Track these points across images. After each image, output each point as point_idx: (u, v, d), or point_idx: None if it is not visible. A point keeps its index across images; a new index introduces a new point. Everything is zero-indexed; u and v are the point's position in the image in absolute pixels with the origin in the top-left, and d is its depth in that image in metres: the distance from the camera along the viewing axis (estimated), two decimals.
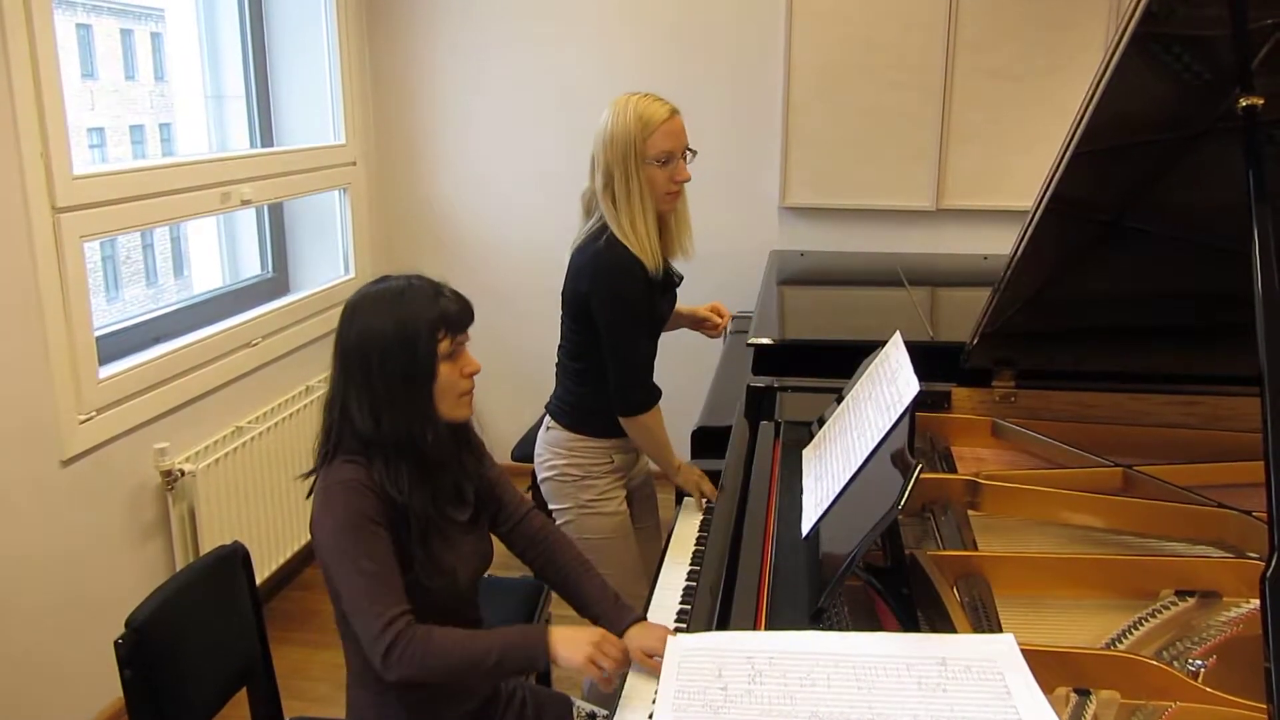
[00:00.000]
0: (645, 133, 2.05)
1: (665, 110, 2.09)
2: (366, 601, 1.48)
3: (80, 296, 2.49)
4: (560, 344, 2.30)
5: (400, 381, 1.54)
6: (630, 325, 2.13)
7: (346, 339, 1.57)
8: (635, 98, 2.08)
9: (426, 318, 1.56)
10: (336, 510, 1.51)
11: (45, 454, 2.44)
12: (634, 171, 2.06)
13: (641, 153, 2.05)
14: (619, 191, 2.08)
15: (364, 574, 1.49)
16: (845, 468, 1.66)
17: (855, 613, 1.49)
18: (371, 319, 1.55)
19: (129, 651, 1.56)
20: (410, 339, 1.54)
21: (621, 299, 2.11)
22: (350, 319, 1.58)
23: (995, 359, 2.24)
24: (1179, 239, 1.87)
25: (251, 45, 3.63)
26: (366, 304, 1.58)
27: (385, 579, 1.50)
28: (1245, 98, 1.45)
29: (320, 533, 1.54)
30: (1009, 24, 3.64)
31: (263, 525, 3.11)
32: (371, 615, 1.48)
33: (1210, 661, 1.37)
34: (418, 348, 1.55)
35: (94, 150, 3.22)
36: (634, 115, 2.05)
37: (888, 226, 3.90)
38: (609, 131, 2.08)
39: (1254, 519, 1.63)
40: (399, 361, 1.54)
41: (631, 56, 3.90)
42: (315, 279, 3.82)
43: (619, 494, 2.30)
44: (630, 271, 2.09)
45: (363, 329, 1.55)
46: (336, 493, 1.52)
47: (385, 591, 1.49)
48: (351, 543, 1.50)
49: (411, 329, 1.54)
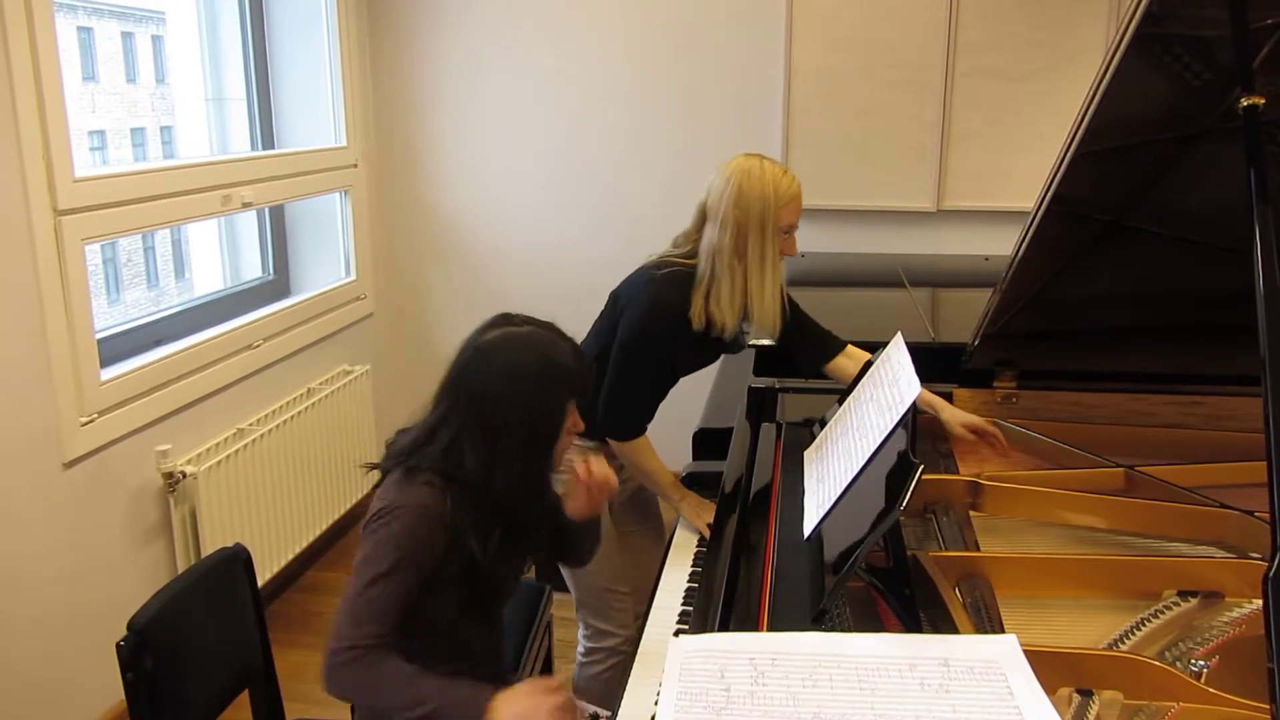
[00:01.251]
0: (780, 201, 2.02)
1: (798, 184, 2.07)
2: (350, 614, 1.44)
3: (82, 299, 2.49)
4: (588, 337, 2.27)
5: (524, 441, 1.49)
6: (641, 359, 2.11)
7: (470, 381, 1.50)
8: (768, 163, 2.05)
9: (566, 378, 1.50)
10: (395, 528, 1.45)
11: (47, 457, 2.44)
12: (771, 237, 2.03)
13: (776, 220, 2.03)
14: (752, 255, 2.03)
15: (367, 595, 1.43)
16: (847, 469, 1.66)
17: (857, 614, 1.49)
18: (506, 369, 1.48)
19: (131, 654, 1.56)
20: (549, 399, 1.49)
21: (647, 334, 2.09)
22: (479, 360, 1.51)
23: (997, 360, 2.24)
24: (1180, 239, 1.87)
25: (252, 47, 3.64)
26: (502, 349, 1.50)
27: (381, 613, 1.44)
28: (1246, 97, 1.45)
29: (368, 534, 1.49)
30: (1009, 25, 3.64)
31: (265, 527, 3.11)
32: (346, 628, 1.43)
33: (1213, 662, 1.37)
34: (551, 410, 1.50)
35: (95, 153, 3.22)
36: (771, 182, 2.01)
37: (889, 227, 3.90)
38: (742, 191, 2.02)
39: (1256, 519, 1.63)
40: (532, 421, 1.48)
41: (632, 58, 3.90)
42: (316, 281, 3.82)
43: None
44: (669, 315, 2.07)
45: (494, 377, 1.48)
46: (408, 512, 1.46)
47: (371, 623, 1.43)
48: (385, 561, 1.44)
49: (549, 389, 1.49)
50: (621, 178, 4.02)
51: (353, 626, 1.42)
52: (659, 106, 3.93)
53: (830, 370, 2.27)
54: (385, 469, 1.57)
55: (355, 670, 1.41)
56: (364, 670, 1.41)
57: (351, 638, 1.42)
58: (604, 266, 4.13)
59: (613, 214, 4.05)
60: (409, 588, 1.46)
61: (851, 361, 2.24)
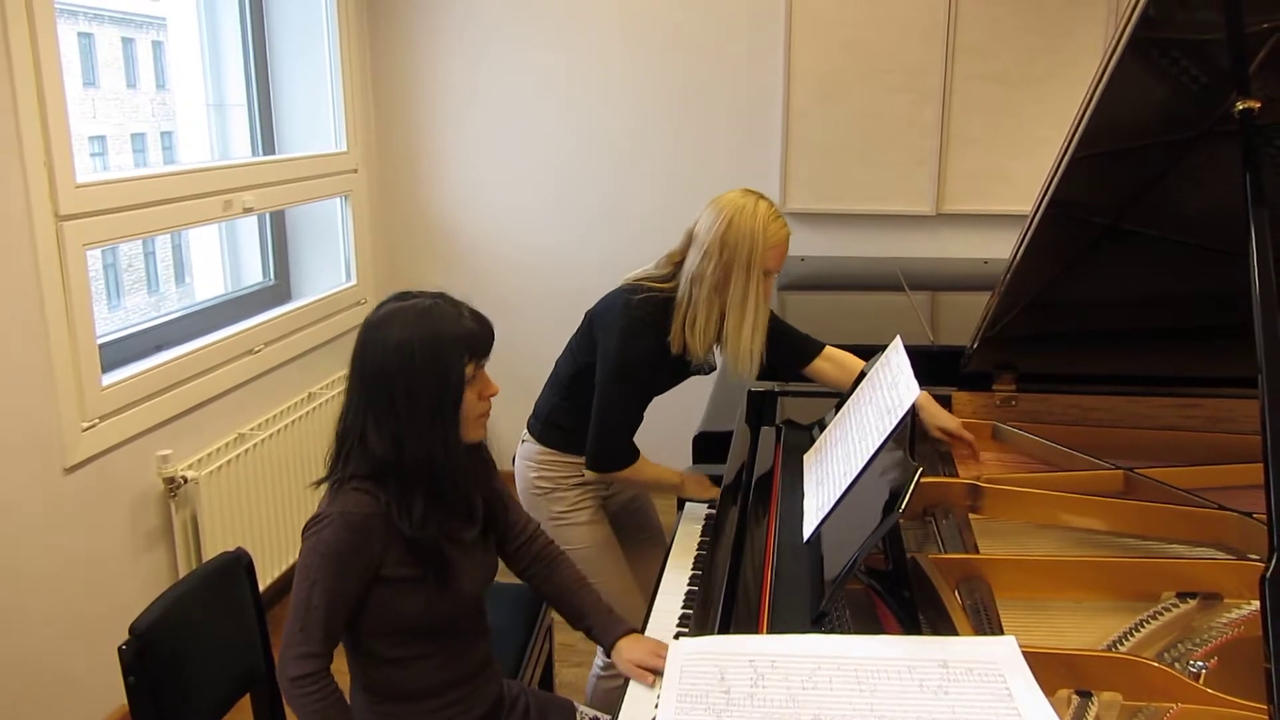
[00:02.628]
0: (767, 243, 2.02)
1: (788, 231, 2.07)
2: (298, 627, 1.48)
3: (83, 304, 2.50)
4: (561, 355, 2.30)
5: (426, 409, 1.49)
6: (625, 391, 2.11)
7: (367, 360, 1.51)
8: (763, 203, 2.04)
9: (454, 343, 1.50)
10: (326, 535, 1.48)
11: (48, 462, 2.44)
12: (755, 278, 2.03)
13: (761, 261, 2.02)
14: (734, 292, 2.03)
15: (308, 604, 1.47)
16: (846, 472, 1.67)
17: (857, 616, 1.50)
18: (395, 342, 1.48)
19: (133, 658, 1.56)
20: (439, 366, 1.49)
21: (626, 366, 2.09)
22: (371, 339, 1.51)
23: (996, 363, 2.24)
24: (1177, 242, 1.88)
25: (253, 53, 3.65)
26: (389, 325, 1.50)
27: (325, 620, 1.48)
28: (1241, 101, 1.46)
29: (304, 544, 1.52)
30: (1008, 29, 3.65)
31: (266, 532, 3.11)
32: (294, 642, 1.47)
33: (1212, 663, 1.38)
34: (448, 375, 1.49)
35: (96, 159, 3.23)
36: (762, 223, 2.01)
37: (888, 231, 3.91)
38: (731, 226, 2.01)
39: (1254, 520, 1.64)
40: (426, 389, 1.48)
41: (632, 64, 3.91)
42: (317, 286, 3.83)
43: (591, 505, 2.29)
44: (643, 344, 2.08)
45: (386, 352, 1.49)
46: (334, 520, 1.48)
47: (317, 629, 1.47)
48: (320, 570, 1.47)
49: (440, 355, 1.49)
50: (622, 182, 4.03)
51: (297, 642, 1.48)
52: (658, 111, 3.94)
53: (810, 373, 2.28)
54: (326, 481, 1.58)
55: (315, 699, 1.47)
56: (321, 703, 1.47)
57: (302, 649, 1.47)
58: (605, 270, 4.13)
59: (613, 218, 4.06)
60: (347, 594, 1.50)
61: (830, 364, 2.25)
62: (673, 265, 2.13)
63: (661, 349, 2.09)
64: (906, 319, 2.93)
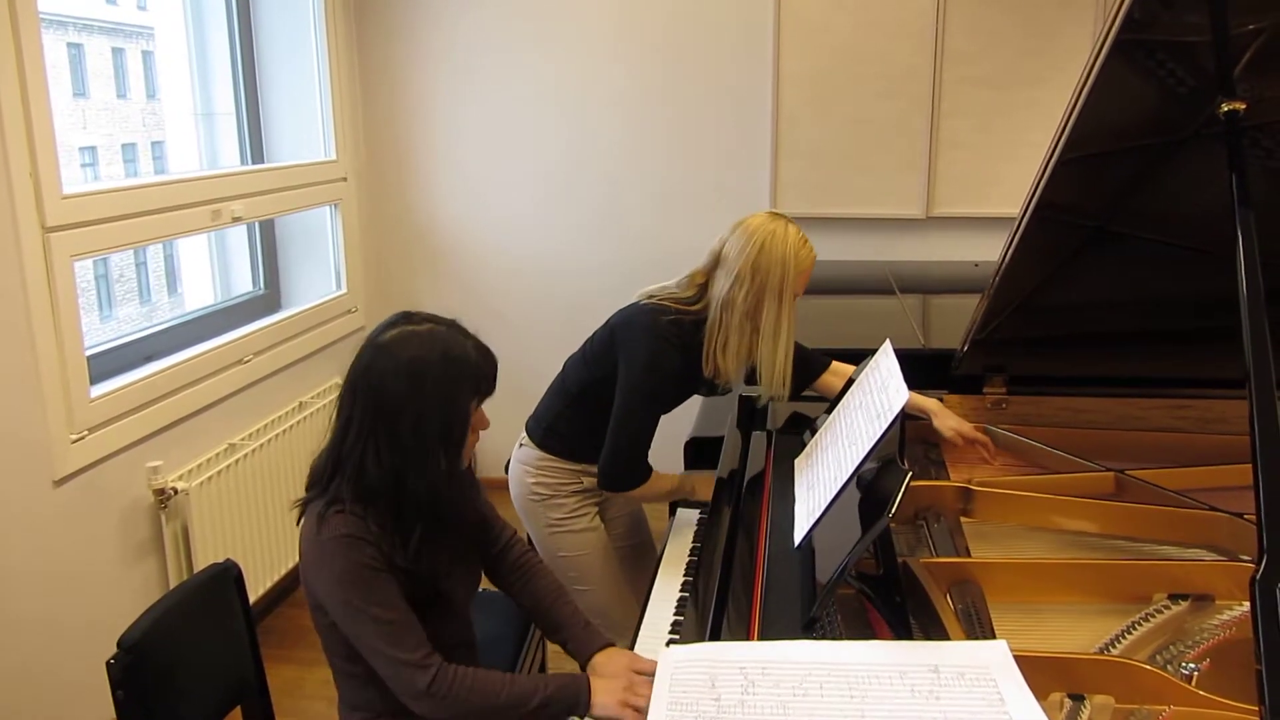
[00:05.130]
0: (799, 269, 2.02)
1: (815, 254, 2.07)
2: (390, 648, 1.44)
3: (71, 316, 2.48)
4: (570, 361, 2.28)
5: (433, 441, 1.45)
6: (647, 411, 2.11)
7: (373, 382, 1.45)
8: (792, 228, 2.03)
9: (465, 381, 1.47)
10: (336, 565, 1.44)
11: (37, 474, 2.43)
12: (787, 304, 2.02)
13: (793, 286, 2.02)
14: (767, 319, 2.02)
15: (379, 622, 1.43)
16: (837, 476, 1.67)
17: (848, 621, 1.49)
18: (407, 370, 1.43)
19: (121, 672, 1.55)
20: (449, 401, 1.46)
21: (652, 389, 2.08)
22: (380, 362, 1.46)
23: (986, 365, 2.24)
24: (1165, 244, 1.88)
25: (241, 62, 3.64)
26: (400, 349, 1.45)
27: (403, 623, 1.46)
28: (1227, 103, 1.46)
29: (319, 585, 1.48)
30: (996, 33, 3.66)
31: (257, 543, 3.10)
32: (400, 661, 1.44)
33: (1204, 665, 1.38)
34: (456, 411, 1.47)
35: (86, 169, 3.22)
36: (793, 249, 2.00)
37: (878, 235, 3.91)
38: (764, 252, 2.00)
39: (1245, 522, 1.64)
40: (435, 421, 1.45)
41: (622, 70, 3.92)
42: (307, 295, 3.82)
43: (589, 512, 2.28)
44: (671, 367, 2.07)
45: (396, 378, 1.44)
46: (334, 547, 1.44)
47: (407, 634, 1.45)
48: (359, 595, 1.44)
49: (450, 390, 1.45)
50: (612, 188, 4.03)
51: (403, 659, 1.44)
52: (649, 117, 3.94)
53: (818, 388, 2.28)
54: (306, 502, 1.54)
55: (454, 688, 1.45)
56: (463, 683, 1.45)
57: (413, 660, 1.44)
58: (595, 276, 4.15)
59: (604, 224, 4.05)
60: (400, 598, 1.47)
61: (837, 378, 2.25)
62: (697, 287, 2.10)
63: (688, 371, 2.09)
64: (897, 322, 2.93)
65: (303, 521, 1.53)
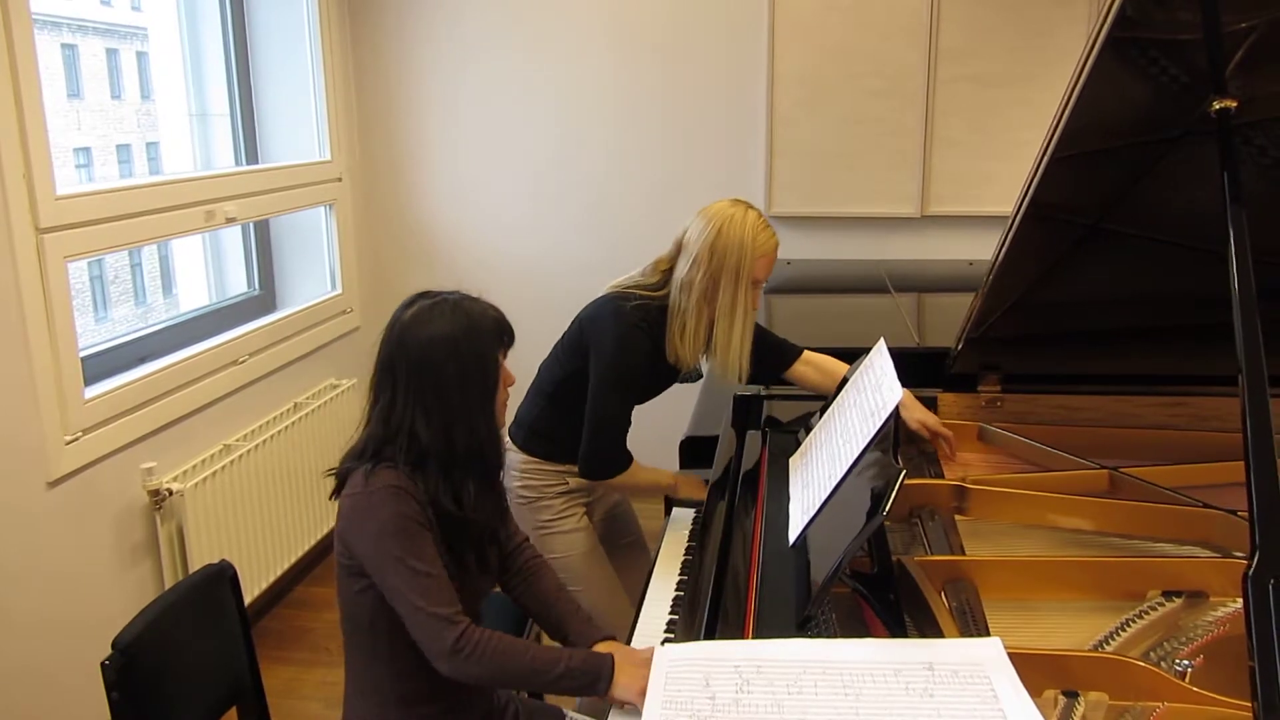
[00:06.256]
0: (756, 253, 2.03)
1: (776, 240, 2.08)
2: (423, 601, 1.48)
3: (65, 317, 2.48)
4: (543, 364, 2.29)
5: (475, 397, 1.56)
6: (619, 396, 2.12)
7: (407, 354, 1.55)
8: (751, 213, 2.05)
9: (490, 334, 1.59)
10: (382, 515, 1.50)
11: (31, 476, 2.42)
12: (744, 287, 2.04)
13: (750, 271, 2.04)
14: (722, 301, 2.05)
15: (417, 574, 1.48)
16: (831, 475, 1.67)
17: (843, 619, 1.49)
18: (440, 335, 1.55)
19: (116, 674, 1.55)
20: (481, 355, 1.57)
21: (621, 374, 2.09)
22: (410, 335, 1.56)
23: (981, 364, 2.25)
24: (1158, 241, 1.89)
25: (235, 62, 3.64)
26: (428, 320, 1.56)
27: (439, 579, 1.50)
28: (1219, 101, 1.47)
29: (359, 539, 1.52)
30: (990, 31, 3.67)
31: (252, 544, 3.10)
32: (431, 614, 1.48)
33: (1197, 661, 1.38)
34: (487, 364, 1.58)
35: (81, 170, 3.21)
36: (751, 232, 2.02)
37: (873, 234, 3.91)
38: (720, 235, 2.02)
39: (1239, 518, 1.64)
40: (473, 378, 1.56)
41: (616, 70, 3.92)
42: (302, 296, 3.82)
43: (577, 512, 2.28)
44: (638, 350, 2.09)
45: (431, 345, 1.54)
46: (382, 497, 1.51)
47: (441, 590, 1.50)
48: (399, 545, 1.49)
49: (480, 345, 1.57)
50: (605, 187, 4.03)
51: (435, 613, 1.48)
52: (643, 117, 3.94)
53: (790, 377, 2.29)
54: (346, 471, 1.59)
55: (482, 647, 1.48)
56: (491, 644, 1.49)
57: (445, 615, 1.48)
58: (590, 275, 4.11)
59: (597, 223, 4.05)
60: (438, 557, 1.52)
61: (810, 367, 2.26)
62: (661, 273, 2.14)
63: (656, 355, 2.10)
64: (892, 321, 2.93)
65: (348, 482, 1.57)
